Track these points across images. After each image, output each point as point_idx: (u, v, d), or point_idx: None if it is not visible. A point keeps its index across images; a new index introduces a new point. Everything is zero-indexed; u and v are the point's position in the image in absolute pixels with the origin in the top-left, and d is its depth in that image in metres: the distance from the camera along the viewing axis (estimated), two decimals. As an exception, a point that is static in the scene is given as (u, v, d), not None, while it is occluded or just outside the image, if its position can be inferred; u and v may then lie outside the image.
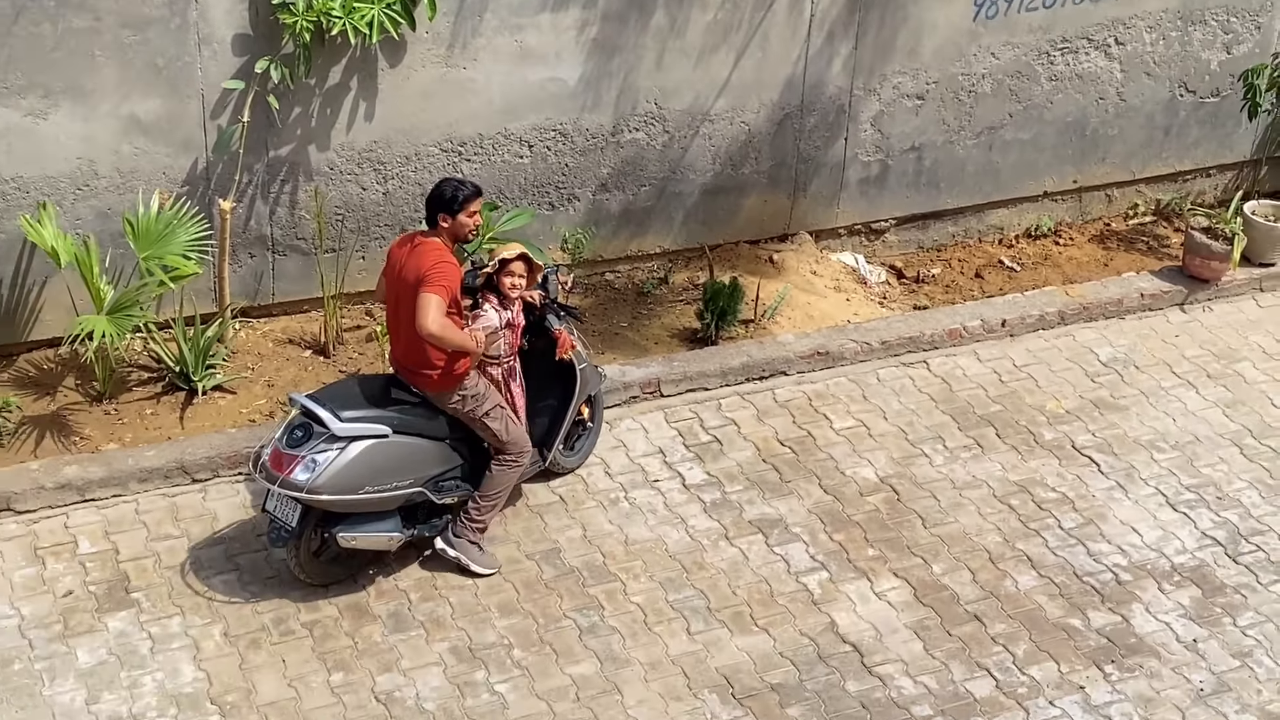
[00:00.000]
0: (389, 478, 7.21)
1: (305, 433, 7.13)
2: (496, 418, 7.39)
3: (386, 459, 7.19)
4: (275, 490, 7.09)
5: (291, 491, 7.04)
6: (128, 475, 7.90)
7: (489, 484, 7.47)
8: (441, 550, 7.52)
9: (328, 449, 7.07)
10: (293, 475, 7.04)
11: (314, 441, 7.09)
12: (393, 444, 7.21)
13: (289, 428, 7.20)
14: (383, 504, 7.25)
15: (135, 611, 7.28)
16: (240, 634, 7.20)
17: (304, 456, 7.06)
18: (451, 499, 7.51)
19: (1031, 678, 7.23)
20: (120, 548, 7.63)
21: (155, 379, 8.58)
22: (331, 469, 7.04)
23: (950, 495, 8.29)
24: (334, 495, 7.07)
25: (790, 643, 7.33)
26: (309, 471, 7.03)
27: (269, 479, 7.11)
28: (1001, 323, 9.54)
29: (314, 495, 7.04)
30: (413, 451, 7.28)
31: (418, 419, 7.30)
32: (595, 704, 6.96)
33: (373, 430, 7.16)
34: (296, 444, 7.11)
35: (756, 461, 8.43)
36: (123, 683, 6.92)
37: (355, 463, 7.10)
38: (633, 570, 7.69)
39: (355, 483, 7.11)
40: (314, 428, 7.12)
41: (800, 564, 7.79)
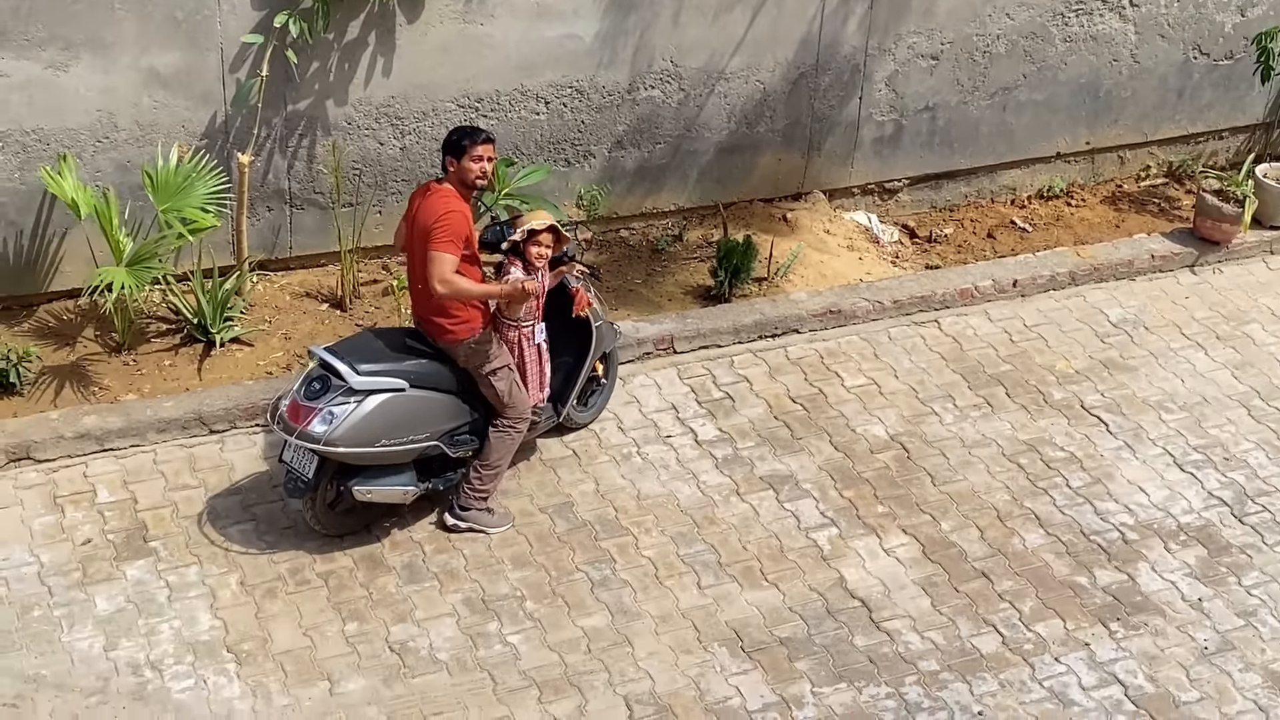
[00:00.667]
0: (405, 431, 7.20)
1: (323, 385, 7.12)
2: (502, 378, 7.36)
3: (402, 412, 7.17)
4: (292, 441, 7.09)
5: (308, 443, 7.03)
6: (146, 425, 7.90)
7: (488, 452, 7.44)
8: (452, 526, 7.52)
9: (345, 402, 7.06)
10: (310, 427, 7.03)
11: (331, 394, 7.07)
12: (409, 398, 7.19)
13: (307, 380, 7.18)
14: (398, 457, 7.24)
15: (153, 560, 7.29)
16: (256, 583, 7.21)
17: (321, 409, 7.05)
18: (465, 452, 7.49)
19: (1037, 634, 7.23)
20: (139, 497, 7.64)
21: (173, 331, 8.57)
22: (348, 422, 7.03)
23: (960, 453, 8.27)
24: (350, 448, 7.07)
25: (799, 597, 7.33)
26: (326, 424, 7.02)
27: (286, 430, 7.10)
28: (1013, 283, 9.50)
29: (331, 447, 7.03)
30: (428, 405, 7.26)
31: (433, 372, 7.28)
32: (606, 656, 6.98)
33: (389, 384, 7.14)
34: (314, 396, 7.10)
35: (768, 418, 8.42)
36: (140, 630, 6.94)
37: (371, 416, 7.08)
38: (644, 525, 7.69)
39: (371, 436, 7.10)
40: (331, 380, 7.11)
41: (810, 520, 7.79)
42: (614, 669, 6.92)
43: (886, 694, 6.89)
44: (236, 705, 6.62)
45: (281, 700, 6.66)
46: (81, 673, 6.70)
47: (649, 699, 6.79)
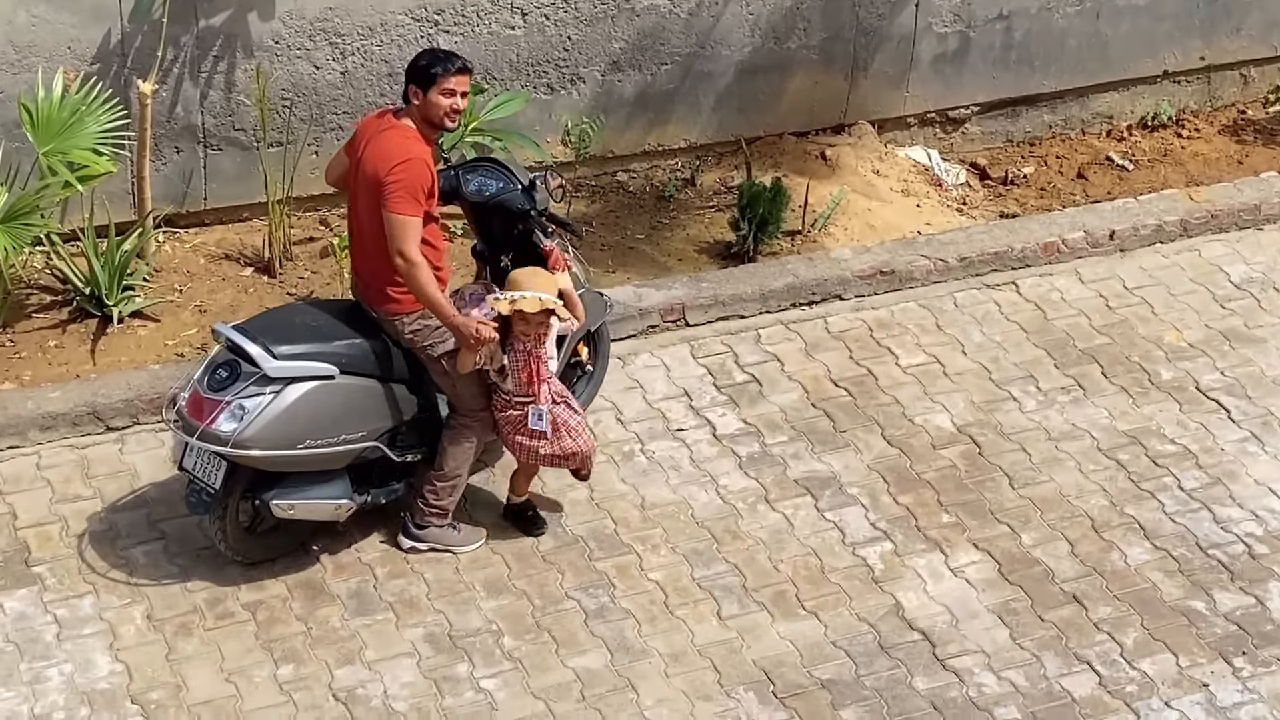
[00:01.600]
0: (335, 429, 7.17)
1: (231, 373, 7.09)
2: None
3: (332, 405, 7.15)
4: (194, 444, 7.06)
5: (214, 445, 7.01)
6: (27, 422, 7.91)
7: (442, 458, 7.43)
8: (410, 549, 7.53)
9: (259, 393, 7.03)
10: (215, 425, 7.01)
11: (242, 384, 7.05)
12: (340, 386, 7.17)
13: (211, 366, 7.16)
14: (328, 462, 7.22)
15: (38, 589, 7.29)
16: (167, 617, 7.22)
17: (229, 402, 7.02)
18: (413, 456, 7.48)
19: (1143, 673, 7.23)
20: (18, 510, 7.64)
21: (60, 303, 8.57)
22: (263, 418, 7.01)
23: (1044, 448, 8.27)
24: (266, 450, 7.04)
25: (845, 629, 7.33)
26: (235, 420, 7.00)
27: (186, 429, 7.08)
28: (1109, 235, 9.49)
29: (241, 450, 7.01)
30: (365, 396, 7.24)
31: (370, 354, 7.25)
32: (604, 704, 6.98)
33: (315, 370, 7.12)
34: (220, 386, 7.07)
35: (804, 406, 8.41)
36: (23, 676, 6.94)
37: (293, 410, 7.06)
38: (651, 540, 7.69)
39: (293, 435, 7.07)
40: (242, 367, 7.08)
41: (858, 532, 7.78)
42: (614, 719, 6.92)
43: (955, 749, 6.91)
44: (143, 769, 6.64)
45: (199, 763, 6.67)
46: (-51, 730, 6.72)
47: (658, 757, 6.80)
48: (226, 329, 7.15)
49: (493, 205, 7.60)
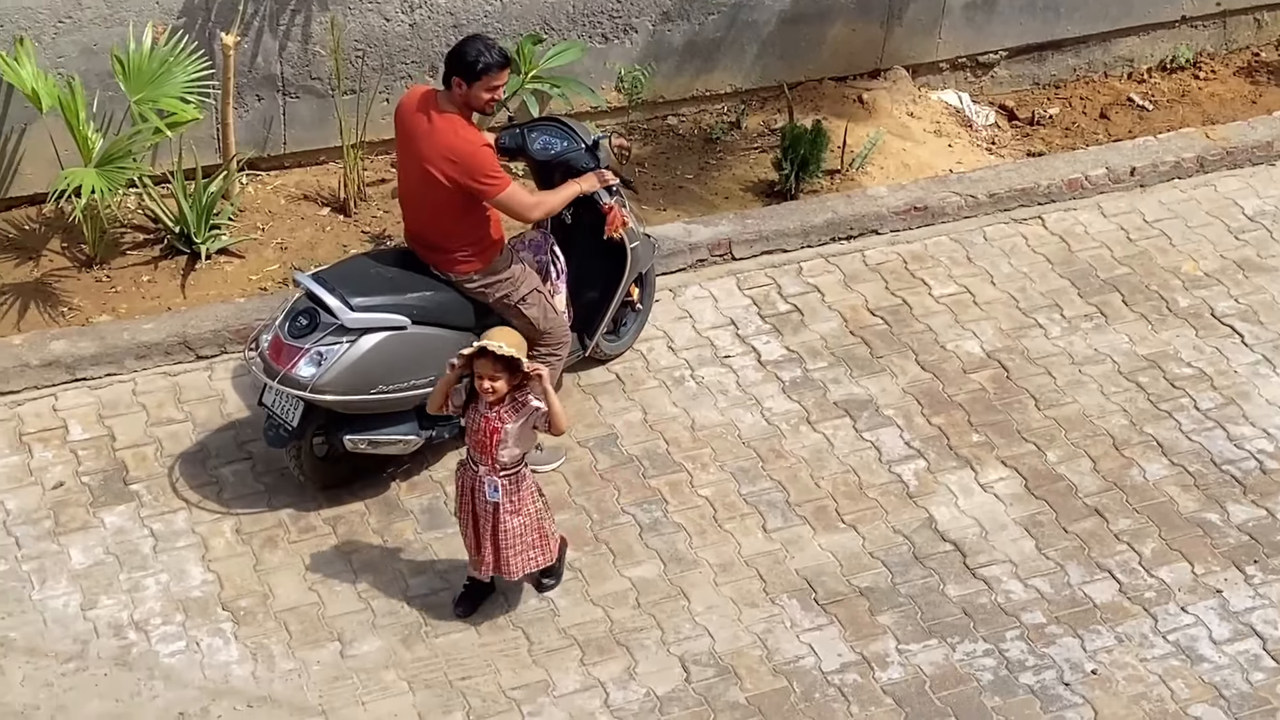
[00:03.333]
0: (406, 375, 7.17)
1: (310, 321, 7.09)
2: (533, 303, 7.35)
3: (403, 354, 7.14)
4: (274, 386, 7.09)
5: (293, 389, 7.03)
6: (123, 351, 7.94)
7: None
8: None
9: (336, 342, 7.03)
10: (295, 370, 7.01)
11: (320, 333, 7.04)
12: (411, 336, 7.16)
13: (291, 314, 7.16)
14: (397, 404, 7.23)
15: (135, 505, 7.35)
16: (254, 531, 7.27)
17: (308, 349, 7.02)
18: None
19: (1160, 580, 7.22)
20: (116, 433, 7.69)
21: (152, 241, 8.59)
22: (339, 365, 7.01)
23: (1068, 372, 8.23)
24: (342, 395, 7.05)
25: (882, 541, 7.34)
26: (314, 366, 7.00)
27: (268, 372, 7.09)
28: (1130, 171, 9.41)
29: (318, 395, 7.03)
30: (434, 344, 7.21)
31: (440, 304, 7.24)
32: (657, 610, 7.01)
33: (388, 321, 7.11)
34: (300, 334, 7.07)
35: (843, 334, 8.39)
36: (122, 585, 7.01)
37: (367, 358, 7.06)
38: (701, 459, 7.69)
39: (367, 381, 7.08)
40: (321, 316, 7.07)
41: (894, 452, 7.78)
42: (667, 625, 6.95)
43: (984, 651, 6.90)
44: (234, 670, 6.69)
45: (286, 664, 6.73)
46: (56, 635, 6.78)
47: (708, 659, 6.83)
48: (306, 279, 7.14)
49: (556, 163, 7.57)
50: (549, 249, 7.61)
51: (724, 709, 6.63)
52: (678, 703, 6.65)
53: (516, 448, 6.58)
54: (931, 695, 6.72)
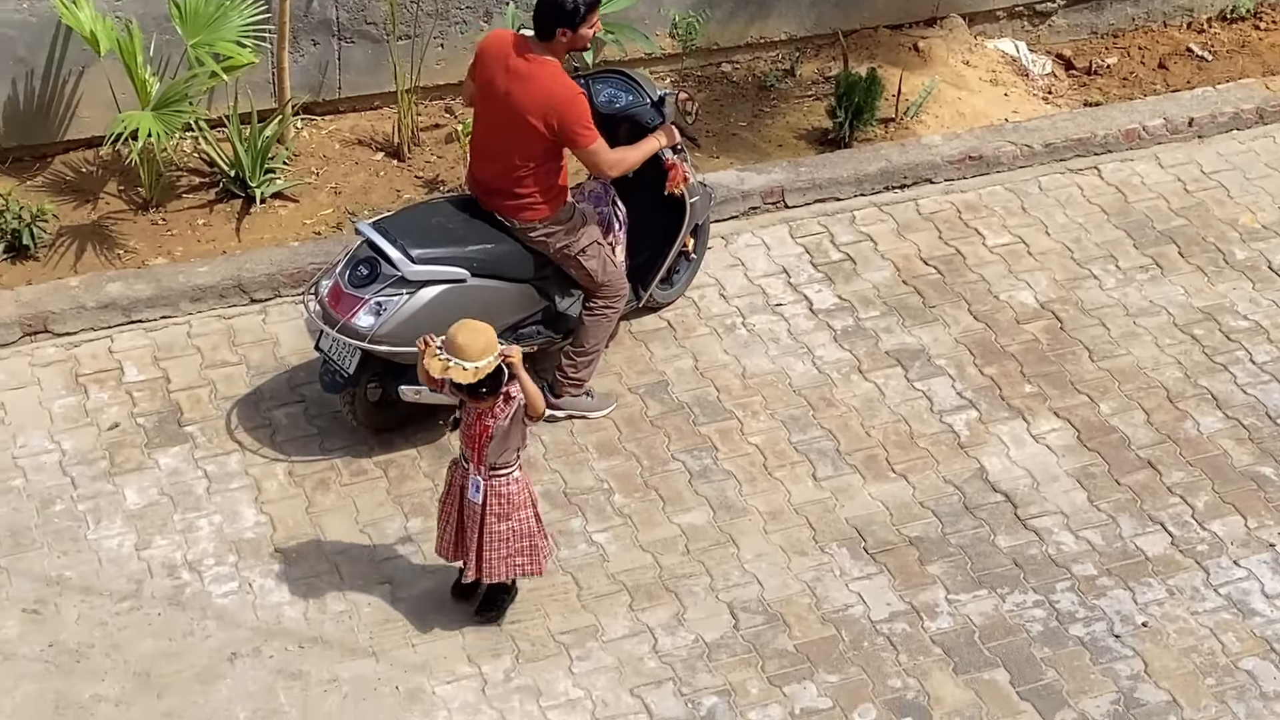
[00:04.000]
0: None
1: (371, 270, 7.08)
2: (593, 255, 7.32)
3: (462, 306, 7.09)
4: (332, 334, 7.09)
5: (351, 339, 7.03)
6: (178, 294, 7.96)
7: (582, 336, 7.43)
8: (549, 417, 7.43)
9: (396, 294, 7.02)
10: (354, 320, 7.01)
11: (380, 284, 7.04)
12: (470, 289, 7.14)
13: (352, 262, 7.15)
14: None
15: (189, 447, 7.38)
16: (307, 474, 7.28)
17: (368, 299, 7.02)
18: (531, 348, 7.46)
19: (1213, 534, 7.16)
20: (171, 375, 7.71)
21: (208, 185, 8.60)
22: (399, 317, 7.01)
23: (1123, 323, 8.16)
24: (399, 347, 7.04)
25: (932, 491, 7.30)
26: (373, 316, 7.00)
27: (327, 320, 7.10)
28: (1188, 122, 9.30)
29: (377, 345, 7.03)
30: (492, 297, 7.21)
31: (500, 257, 7.22)
32: (707, 557, 6.99)
33: (448, 273, 7.09)
34: (360, 283, 7.07)
35: (896, 283, 8.35)
36: (176, 526, 7.04)
37: (427, 310, 7.04)
38: (751, 407, 7.67)
39: (425, 332, 7.02)
40: (381, 266, 7.06)
41: (945, 401, 7.73)
42: (716, 572, 6.94)
43: (1034, 602, 6.87)
44: (286, 611, 6.72)
45: (337, 606, 6.75)
46: (111, 574, 6.82)
47: (757, 606, 6.82)
48: (368, 229, 7.12)
49: (621, 117, 7.52)
50: (610, 201, 7.58)
51: (772, 656, 6.63)
52: (726, 649, 6.65)
53: (507, 444, 6.33)
54: (981, 645, 6.69)
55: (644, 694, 6.47)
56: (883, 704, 6.47)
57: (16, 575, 6.79)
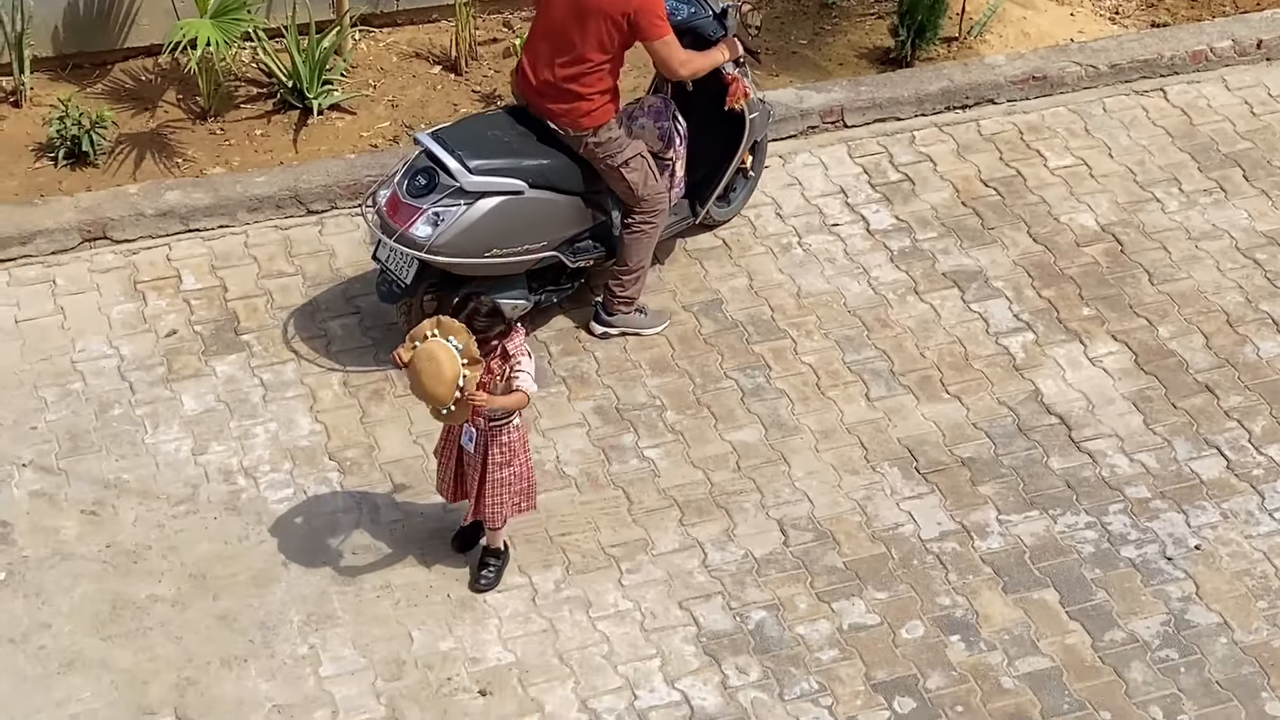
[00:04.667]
0: (520, 239, 7.20)
1: (429, 181, 7.11)
2: (635, 168, 7.32)
3: (519, 218, 7.16)
4: (390, 243, 7.14)
5: (409, 249, 7.07)
6: (236, 203, 8.02)
7: (624, 254, 7.45)
8: (602, 334, 7.57)
9: (454, 204, 7.06)
10: (412, 230, 7.06)
11: (438, 194, 7.08)
12: (527, 200, 7.18)
13: (411, 172, 7.18)
14: (510, 268, 7.27)
15: (245, 355, 7.46)
16: (361, 384, 7.36)
17: (426, 209, 7.06)
18: (586, 261, 7.49)
19: (1270, 458, 7.14)
20: (228, 284, 7.79)
21: (265, 95, 8.64)
22: (456, 227, 7.05)
23: (1184, 247, 8.10)
24: (456, 257, 7.09)
25: (986, 412, 7.31)
26: (431, 227, 7.05)
27: (385, 230, 7.14)
28: (1257, 43, 9.19)
29: (434, 255, 7.06)
30: (548, 209, 7.25)
31: (556, 170, 7.24)
32: (758, 474, 7.03)
33: (505, 185, 7.12)
34: (419, 193, 7.11)
35: (954, 204, 8.31)
36: (232, 432, 7.13)
37: (484, 222, 7.08)
38: (805, 326, 7.68)
39: (482, 244, 7.12)
40: (439, 177, 7.09)
41: (1002, 323, 7.72)
42: (767, 489, 6.98)
43: (1086, 524, 6.87)
44: (340, 519, 6.81)
45: (390, 515, 6.84)
46: (168, 478, 6.93)
47: (807, 523, 6.85)
48: (427, 139, 7.15)
49: (684, 29, 7.51)
50: (670, 115, 7.58)
51: (821, 573, 6.67)
52: (775, 565, 6.69)
53: (503, 407, 6.23)
54: (1031, 566, 6.71)
55: (693, 607, 6.53)
56: (931, 621, 6.51)
57: (75, 478, 6.90)
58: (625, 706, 6.20)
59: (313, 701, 6.18)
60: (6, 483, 6.86)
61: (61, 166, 8.17)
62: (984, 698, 6.27)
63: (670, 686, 6.27)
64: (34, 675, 6.22)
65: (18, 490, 6.83)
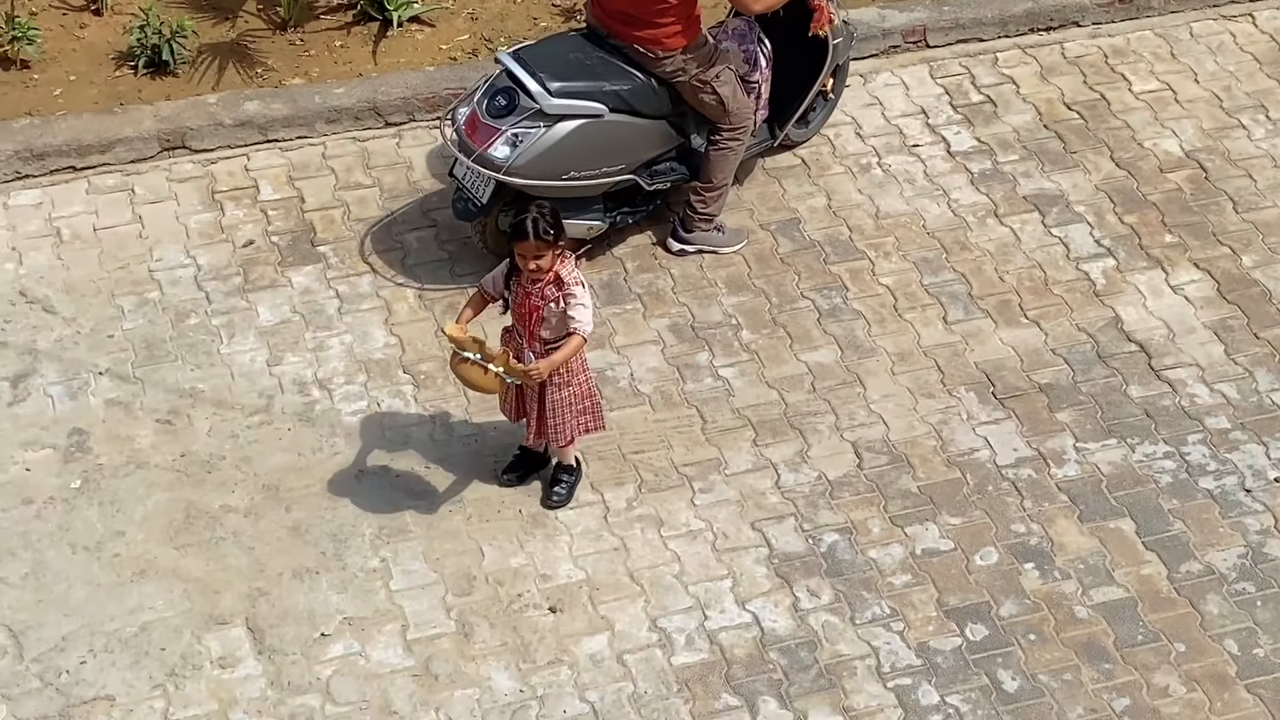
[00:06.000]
0: (599, 162, 7.10)
1: (509, 101, 6.99)
2: (725, 81, 7.20)
3: (598, 141, 7.05)
4: (468, 163, 7.02)
5: (487, 169, 6.96)
6: (314, 114, 7.93)
7: (709, 171, 7.34)
8: (679, 251, 7.48)
9: (534, 126, 6.95)
10: (491, 150, 6.95)
11: (518, 115, 6.96)
12: (607, 124, 7.06)
13: (491, 92, 7.07)
14: (588, 191, 7.16)
15: (321, 267, 7.38)
16: (437, 298, 7.27)
17: (505, 130, 6.95)
18: (664, 184, 7.38)
19: (1354, 392, 6.99)
20: (305, 195, 7.70)
21: (345, 6, 8.52)
22: (535, 149, 6.95)
23: (1270, 175, 7.92)
24: (535, 180, 6.98)
25: (1065, 338, 7.17)
26: (509, 148, 6.94)
27: (463, 149, 7.04)
28: (1350, -31, 8.92)
29: (512, 177, 6.96)
30: (628, 132, 7.13)
31: (637, 93, 7.11)
32: (833, 396, 6.92)
33: (586, 108, 7.00)
34: (498, 114, 6.99)
35: (1037, 127, 8.16)
36: (307, 344, 7.07)
37: (563, 144, 6.98)
38: (883, 247, 7.56)
39: (560, 166, 7.01)
40: (519, 98, 6.98)
41: (1082, 248, 7.57)
42: (841, 411, 6.86)
43: (1164, 453, 6.73)
44: (413, 433, 6.74)
45: (463, 430, 6.76)
46: (242, 389, 6.87)
47: (881, 446, 6.74)
48: (508, 59, 7.04)
49: None
50: (754, 39, 7.45)
51: (895, 496, 6.55)
52: (849, 487, 6.58)
53: (558, 326, 6.12)
54: (1107, 494, 6.57)
55: (765, 528, 6.44)
56: (1005, 548, 6.39)
57: (151, 386, 6.85)
58: (695, 626, 6.12)
59: (383, 615, 6.13)
60: (83, 390, 6.82)
61: (141, 75, 8.09)
62: (1057, 626, 6.15)
63: (741, 608, 6.18)
64: (107, 583, 6.19)
65: (94, 398, 6.79)
